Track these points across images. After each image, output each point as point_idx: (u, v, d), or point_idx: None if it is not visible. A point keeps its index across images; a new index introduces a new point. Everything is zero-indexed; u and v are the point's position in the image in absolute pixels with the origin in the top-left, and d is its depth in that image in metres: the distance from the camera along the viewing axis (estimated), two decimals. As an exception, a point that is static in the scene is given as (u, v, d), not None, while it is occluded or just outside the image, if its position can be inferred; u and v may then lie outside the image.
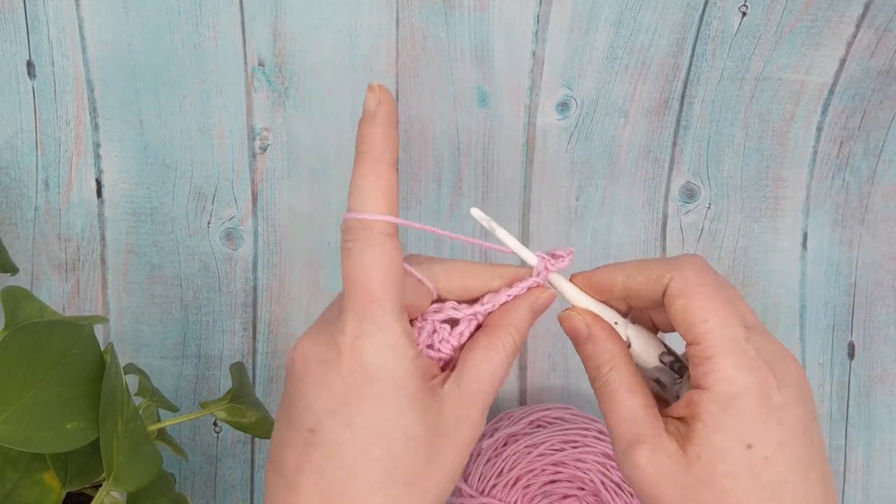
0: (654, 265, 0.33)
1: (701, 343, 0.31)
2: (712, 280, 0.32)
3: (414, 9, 0.55)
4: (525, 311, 0.34)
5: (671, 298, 0.32)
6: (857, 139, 0.59)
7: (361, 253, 0.29)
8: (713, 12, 0.56)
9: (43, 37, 0.54)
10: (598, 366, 0.34)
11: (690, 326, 0.31)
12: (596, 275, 0.35)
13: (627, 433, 0.32)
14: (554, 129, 0.58)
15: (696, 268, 0.32)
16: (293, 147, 0.57)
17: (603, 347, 0.34)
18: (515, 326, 0.33)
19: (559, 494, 0.53)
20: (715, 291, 0.31)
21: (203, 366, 0.58)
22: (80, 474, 0.38)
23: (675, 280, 0.32)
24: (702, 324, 0.31)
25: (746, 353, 0.30)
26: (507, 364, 0.33)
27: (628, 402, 0.32)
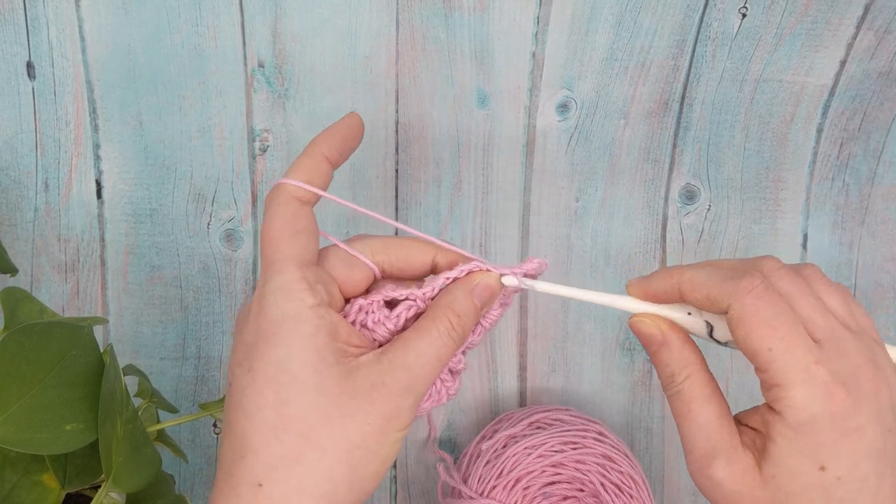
0: (713, 285, 0.32)
1: (768, 371, 0.30)
2: (773, 302, 0.30)
3: (414, 10, 0.55)
4: (462, 293, 0.33)
5: (733, 326, 0.31)
6: (857, 141, 0.59)
7: (269, 209, 0.33)
8: (713, 14, 0.56)
9: (43, 38, 0.54)
10: (671, 374, 0.33)
11: (754, 356, 0.31)
12: (653, 284, 0.34)
13: (702, 445, 0.32)
14: (554, 131, 0.58)
15: (756, 293, 0.30)
16: (293, 148, 0.57)
17: (678, 355, 0.33)
18: (452, 308, 0.33)
19: (559, 496, 0.53)
20: (776, 316, 0.30)
21: (203, 367, 0.58)
22: (80, 475, 0.38)
23: (734, 309, 0.31)
24: (766, 353, 0.30)
25: (817, 379, 0.29)
26: (440, 344, 0.32)
27: (703, 412, 0.32)
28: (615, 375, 0.60)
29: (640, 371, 0.60)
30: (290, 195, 0.33)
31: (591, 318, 0.60)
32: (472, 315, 0.33)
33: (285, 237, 0.32)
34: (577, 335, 0.60)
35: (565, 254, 0.59)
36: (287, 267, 0.31)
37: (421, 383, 0.32)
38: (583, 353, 0.60)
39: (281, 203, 0.33)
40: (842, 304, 0.32)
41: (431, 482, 0.60)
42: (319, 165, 0.34)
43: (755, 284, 0.31)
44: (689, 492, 0.61)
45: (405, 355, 0.31)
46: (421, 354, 0.32)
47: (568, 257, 0.59)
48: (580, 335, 0.60)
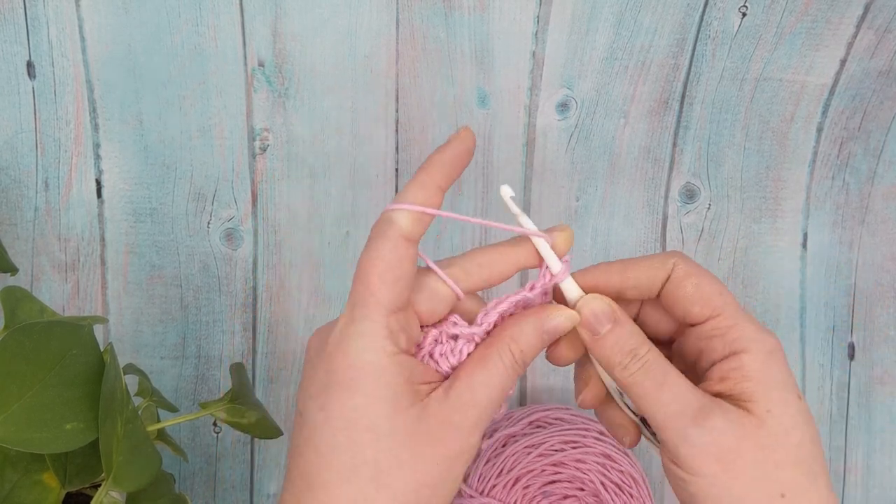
0: (648, 258, 0.34)
1: (723, 313, 0.32)
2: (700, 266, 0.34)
3: (414, 9, 0.55)
4: (530, 326, 0.33)
5: (680, 280, 0.33)
6: (857, 140, 0.59)
7: (374, 244, 0.31)
8: (713, 13, 0.56)
9: (43, 37, 0.54)
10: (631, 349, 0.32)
11: (708, 300, 0.32)
12: (592, 273, 0.34)
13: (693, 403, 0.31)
14: (554, 130, 0.58)
15: (688, 257, 0.34)
16: (293, 147, 0.57)
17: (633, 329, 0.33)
18: (515, 339, 0.32)
19: (559, 495, 0.53)
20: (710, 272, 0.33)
21: (203, 366, 0.58)
22: (80, 474, 0.38)
23: (680, 264, 0.33)
24: (718, 296, 0.32)
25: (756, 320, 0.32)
26: (505, 377, 0.32)
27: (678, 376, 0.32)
28: (615, 374, 0.60)
29: (640, 370, 0.60)
30: (399, 234, 0.31)
31: (591, 317, 0.60)
32: (536, 350, 0.33)
33: (384, 282, 0.30)
34: (577, 334, 0.60)
35: (565, 253, 0.59)
36: (376, 313, 0.30)
37: (487, 418, 0.31)
38: (583, 353, 0.60)
39: (388, 241, 0.31)
40: None
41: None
42: (433, 198, 0.32)
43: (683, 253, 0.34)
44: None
45: (470, 388, 0.31)
46: (486, 386, 0.31)
47: (567, 257, 0.59)
48: (580, 334, 0.60)
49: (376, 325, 0.30)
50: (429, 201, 0.32)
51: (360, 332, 0.30)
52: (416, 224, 0.31)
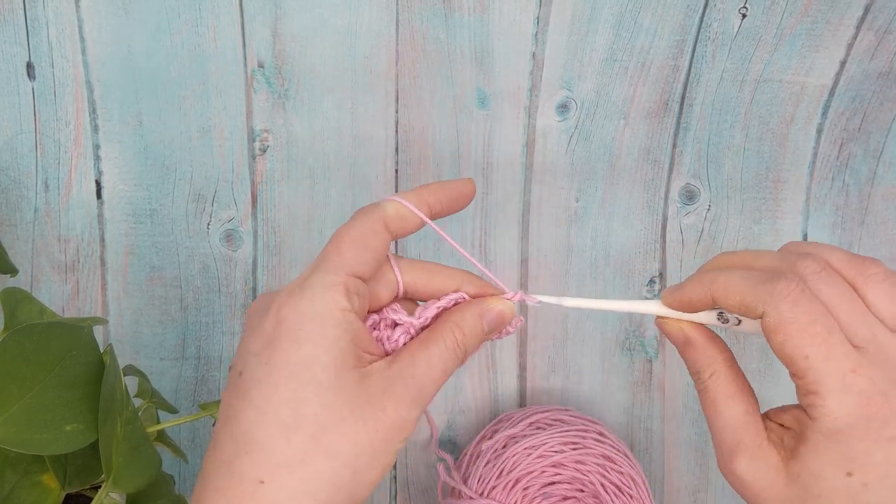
0: (747, 290, 0.31)
1: (804, 378, 0.30)
2: (810, 308, 0.30)
3: (414, 10, 0.55)
4: (472, 313, 0.34)
5: (768, 333, 0.31)
6: (857, 141, 0.59)
7: (354, 218, 0.33)
8: (713, 14, 0.56)
9: (42, 38, 0.54)
10: (697, 371, 0.34)
11: (790, 362, 0.30)
12: (687, 293, 0.34)
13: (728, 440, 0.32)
14: (554, 131, 0.58)
15: (792, 298, 0.30)
16: (293, 148, 0.57)
17: (702, 353, 0.34)
18: (458, 325, 0.33)
19: (559, 496, 0.53)
20: (813, 323, 0.30)
21: (203, 367, 0.58)
22: (80, 476, 0.38)
23: (769, 315, 0.30)
24: (802, 360, 0.30)
25: (854, 388, 0.29)
26: (446, 358, 0.32)
27: (728, 409, 0.33)
28: (615, 375, 0.60)
29: (640, 371, 0.60)
30: (381, 216, 0.33)
31: (591, 318, 0.60)
32: (478, 337, 0.34)
33: (354, 246, 0.32)
34: (577, 335, 0.60)
35: (565, 254, 0.59)
36: (337, 270, 0.31)
37: (427, 395, 0.32)
38: (583, 353, 0.60)
39: (369, 218, 0.32)
40: (892, 305, 0.31)
41: (431, 482, 0.60)
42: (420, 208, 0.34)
43: (791, 289, 0.30)
44: (689, 491, 0.61)
45: (413, 365, 0.32)
46: (429, 366, 0.32)
47: (568, 257, 0.59)
48: (580, 335, 0.60)
49: (335, 279, 0.31)
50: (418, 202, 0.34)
51: (317, 283, 0.31)
52: (398, 218, 0.33)
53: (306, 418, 0.30)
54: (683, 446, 0.61)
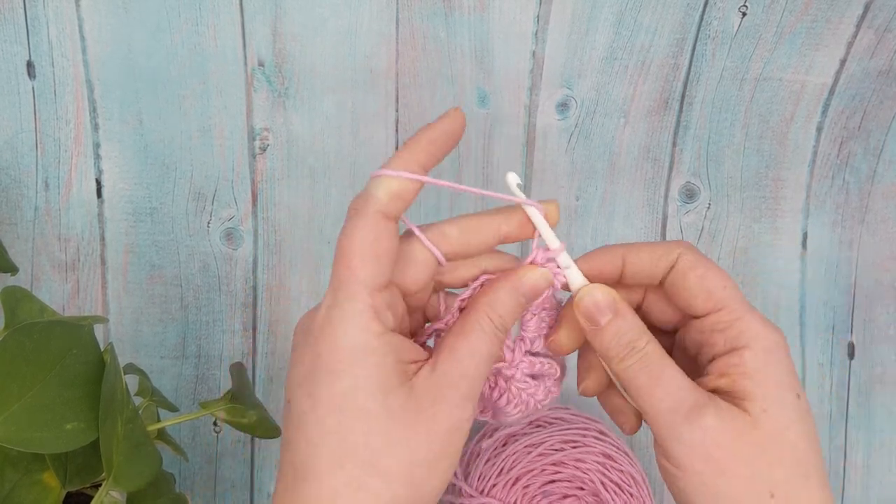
0: (652, 245, 0.33)
1: (726, 307, 0.32)
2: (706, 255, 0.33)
3: (414, 9, 0.55)
4: (506, 291, 0.32)
5: (684, 271, 0.32)
6: (857, 139, 0.59)
7: (351, 222, 0.31)
8: (713, 13, 0.56)
9: (43, 37, 0.54)
10: (630, 341, 0.32)
11: (711, 294, 0.32)
12: (597, 257, 0.34)
13: (687, 399, 0.31)
14: (554, 130, 0.58)
15: (695, 248, 0.33)
16: (293, 147, 0.57)
17: (634, 321, 0.32)
18: (491, 305, 0.32)
19: (559, 494, 0.53)
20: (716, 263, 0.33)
21: (203, 366, 0.58)
22: (80, 474, 0.38)
23: (686, 255, 0.33)
24: (722, 289, 0.32)
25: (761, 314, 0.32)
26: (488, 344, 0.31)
27: (678, 370, 0.31)
28: (615, 374, 0.60)
29: (640, 370, 0.60)
30: (376, 209, 0.30)
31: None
32: (515, 313, 0.32)
33: (365, 261, 0.30)
34: (577, 334, 0.60)
35: (566, 249, 0.59)
36: (360, 293, 0.30)
37: (475, 388, 0.31)
38: (583, 352, 0.60)
39: (366, 218, 0.30)
40: None
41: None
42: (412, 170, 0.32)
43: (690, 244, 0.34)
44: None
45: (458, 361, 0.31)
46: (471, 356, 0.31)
47: (569, 253, 0.59)
48: (580, 334, 0.60)
49: (361, 306, 0.30)
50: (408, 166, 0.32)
51: (345, 314, 0.30)
52: (394, 200, 0.31)
53: (356, 447, 0.29)
54: (683, 445, 0.61)
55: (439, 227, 0.33)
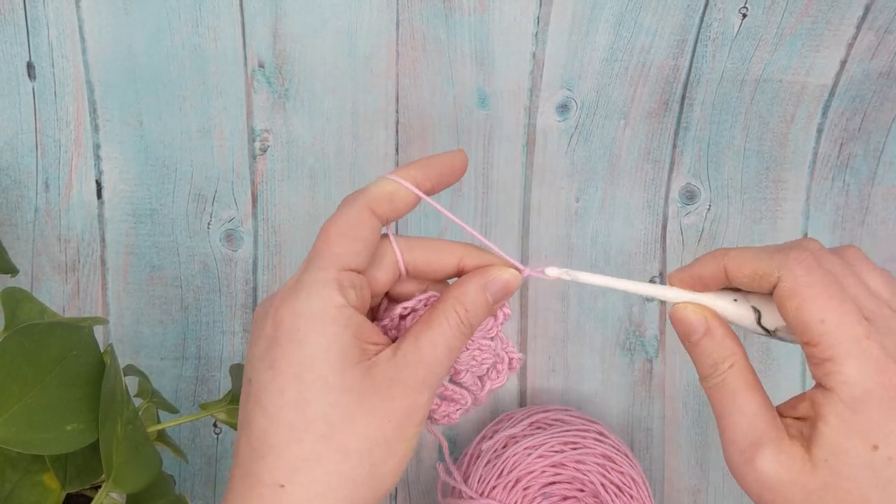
0: (761, 259, 0.31)
1: (819, 344, 0.30)
2: (824, 275, 0.30)
3: (414, 10, 0.55)
4: (474, 286, 0.32)
5: (782, 300, 0.31)
6: (857, 141, 0.59)
7: (340, 210, 0.32)
8: (713, 14, 0.56)
9: (43, 38, 0.54)
10: (714, 363, 0.32)
11: (805, 328, 0.30)
12: (697, 269, 0.34)
13: (748, 434, 0.31)
14: (554, 131, 0.58)
15: (807, 265, 0.30)
16: (293, 148, 0.57)
17: (722, 343, 0.32)
18: (459, 299, 0.32)
19: (559, 496, 0.53)
20: (828, 287, 0.30)
21: (203, 367, 0.58)
22: (80, 475, 0.38)
23: (785, 280, 0.30)
24: (818, 325, 0.30)
25: (869, 353, 0.29)
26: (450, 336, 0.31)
27: (749, 402, 0.31)
28: (615, 375, 0.60)
29: (640, 371, 0.60)
30: (365, 202, 0.31)
31: (591, 318, 0.60)
32: (482, 309, 0.33)
33: (341, 237, 0.31)
34: (577, 335, 0.60)
35: (565, 254, 0.59)
36: (329, 265, 0.31)
37: (435, 376, 0.31)
38: (583, 353, 0.60)
39: (354, 206, 0.31)
40: (884, 286, 0.32)
41: (432, 482, 0.60)
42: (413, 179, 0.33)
43: (804, 257, 0.30)
44: (689, 492, 0.61)
45: (418, 349, 0.31)
46: (433, 347, 0.31)
47: (568, 257, 0.59)
48: (580, 335, 0.60)
49: (326, 276, 0.30)
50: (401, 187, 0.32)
51: (311, 281, 0.30)
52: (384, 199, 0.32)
53: (315, 419, 0.30)
54: (683, 446, 0.61)
55: (408, 239, 0.34)
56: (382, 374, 0.30)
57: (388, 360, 0.31)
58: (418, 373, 0.31)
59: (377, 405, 0.30)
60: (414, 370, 0.31)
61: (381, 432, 0.30)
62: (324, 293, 0.30)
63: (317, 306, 0.30)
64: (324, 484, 0.29)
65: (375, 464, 0.30)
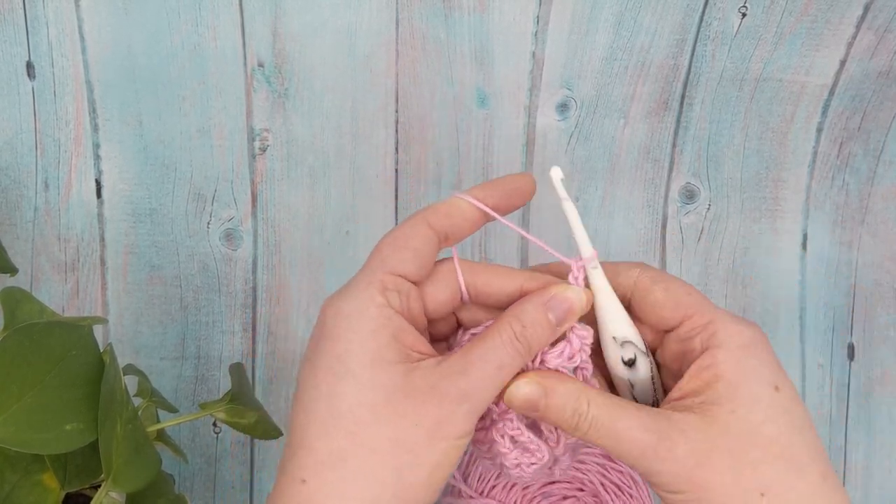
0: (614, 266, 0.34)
1: (696, 313, 0.32)
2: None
3: (413, 9, 0.55)
4: (532, 303, 0.32)
5: (647, 287, 0.33)
6: (856, 140, 0.59)
7: (399, 225, 0.32)
8: (713, 13, 0.56)
9: (42, 38, 0.54)
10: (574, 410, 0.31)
11: (678, 302, 0.32)
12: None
13: (649, 441, 0.30)
14: (554, 130, 0.58)
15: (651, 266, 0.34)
16: (293, 148, 0.57)
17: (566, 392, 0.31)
18: (517, 317, 0.31)
19: (558, 495, 0.53)
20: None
21: (202, 367, 0.58)
22: (80, 475, 0.38)
23: (645, 272, 0.33)
24: (687, 296, 0.32)
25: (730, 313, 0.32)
26: (502, 352, 0.30)
27: (628, 418, 0.31)
28: (615, 375, 0.60)
29: (639, 371, 0.60)
30: (423, 216, 0.32)
31: (591, 317, 0.60)
32: (543, 328, 0.31)
33: (392, 246, 0.31)
34: (577, 335, 0.60)
35: (565, 254, 0.59)
36: (375, 269, 0.31)
37: (478, 391, 0.30)
38: (583, 353, 0.60)
39: (411, 219, 0.32)
40: None
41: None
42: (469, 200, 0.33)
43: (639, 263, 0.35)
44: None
45: (465, 360, 0.30)
46: (481, 361, 0.30)
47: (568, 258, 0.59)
48: (580, 335, 0.60)
49: (371, 278, 0.31)
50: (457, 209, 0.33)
51: (355, 283, 0.31)
52: (442, 215, 0.32)
53: (344, 415, 0.29)
54: (683, 446, 0.61)
55: (473, 263, 0.34)
56: (422, 378, 0.30)
57: (431, 368, 0.30)
58: (460, 383, 0.30)
59: (408, 408, 0.29)
60: (455, 380, 0.30)
61: (408, 436, 0.29)
62: (365, 293, 0.30)
63: (357, 305, 0.30)
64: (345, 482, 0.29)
65: (401, 470, 0.29)
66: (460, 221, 0.33)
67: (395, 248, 0.31)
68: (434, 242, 0.32)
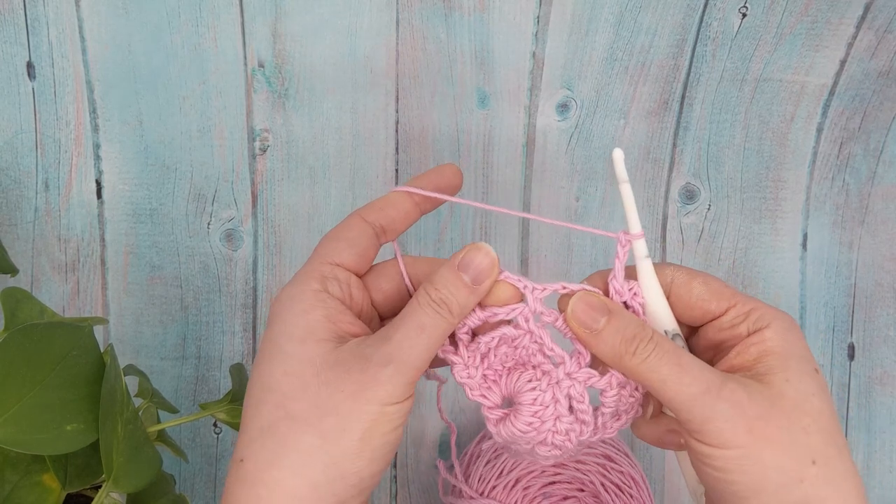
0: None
1: (738, 302, 0.33)
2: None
3: (414, 10, 0.55)
4: (445, 267, 0.32)
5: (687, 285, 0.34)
6: (857, 140, 0.59)
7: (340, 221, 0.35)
8: (713, 13, 0.56)
9: (43, 38, 0.54)
10: (635, 335, 0.32)
11: (721, 294, 0.34)
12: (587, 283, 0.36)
13: (713, 381, 0.30)
14: (554, 131, 0.58)
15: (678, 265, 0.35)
16: (293, 148, 0.57)
17: (631, 316, 0.33)
18: (430, 281, 0.32)
19: (559, 496, 0.53)
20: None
21: (203, 367, 0.58)
22: (80, 476, 0.38)
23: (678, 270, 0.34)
24: (725, 288, 0.34)
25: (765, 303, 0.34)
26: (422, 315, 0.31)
27: (693, 357, 0.31)
28: (615, 375, 0.60)
29: (640, 371, 0.60)
30: (357, 212, 0.35)
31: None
32: (455, 286, 0.32)
33: (329, 239, 0.34)
34: (578, 335, 0.60)
35: (565, 254, 0.59)
36: (313, 261, 0.33)
37: (401, 351, 0.30)
38: (583, 353, 0.60)
39: (347, 217, 0.35)
40: None
41: (432, 481, 0.60)
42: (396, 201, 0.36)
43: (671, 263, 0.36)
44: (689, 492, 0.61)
45: (388, 329, 0.32)
46: (401, 324, 0.31)
47: (568, 257, 0.59)
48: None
49: (308, 268, 0.33)
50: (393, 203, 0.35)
51: (296, 275, 0.33)
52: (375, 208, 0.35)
53: (272, 389, 0.31)
54: (683, 446, 0.61)
55: (415, 257, 0.36)
56: (349, 350, 0.31)
57: (359, 340, 0.32)
58: (382, 348, 0.31)
59: (333, 376, 0.30)
60: (378, 346, 0.31)
61: (332, 402, 0.30)
62: (303, 281, 0.33)
63: (294, 291, 0.32)
64: (275, 454, 0.30)
65: (326, 436, 0.30)
66: (393, 213, 0.35)
67: (330, 240, 0.34)
68: (369, 233, 0.34)
